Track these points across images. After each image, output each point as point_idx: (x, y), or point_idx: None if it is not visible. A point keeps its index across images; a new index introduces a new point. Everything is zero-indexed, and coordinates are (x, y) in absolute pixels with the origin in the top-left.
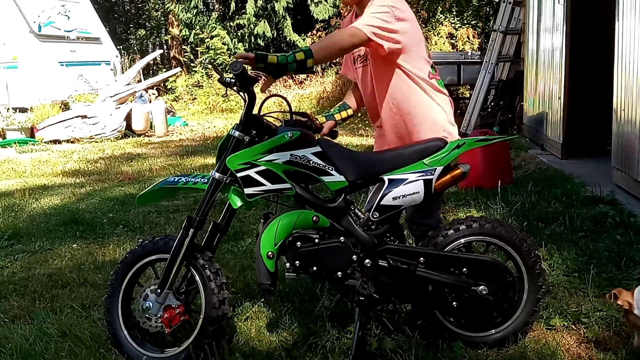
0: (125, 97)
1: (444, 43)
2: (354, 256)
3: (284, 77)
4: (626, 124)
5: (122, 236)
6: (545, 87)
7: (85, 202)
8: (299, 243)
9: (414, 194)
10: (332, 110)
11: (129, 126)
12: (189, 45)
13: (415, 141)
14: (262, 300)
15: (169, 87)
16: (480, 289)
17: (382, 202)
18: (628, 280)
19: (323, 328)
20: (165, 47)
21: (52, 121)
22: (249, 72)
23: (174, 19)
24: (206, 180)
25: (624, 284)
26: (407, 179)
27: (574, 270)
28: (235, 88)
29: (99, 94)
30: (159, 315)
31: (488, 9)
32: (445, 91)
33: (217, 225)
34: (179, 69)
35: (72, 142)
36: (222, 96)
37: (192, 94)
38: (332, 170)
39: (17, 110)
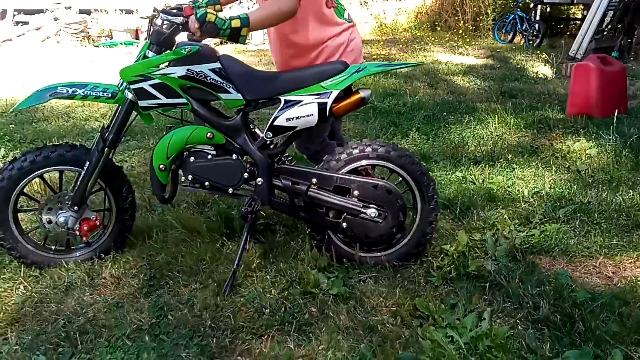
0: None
1: None
2: (246, 174)
3: None
4: None
5: None
6: None
7: None
8: (192, 158)
9: (307, 115)
10: (200, 1)
11: None
12: None
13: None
14: None
15: None
16: (370, 212)
17: (276, 122)
18: None
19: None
20: None
21: None
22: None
23: None
24: (109, 94)
25: None
26: (302, 101)
27: None
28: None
29: None
30: (75, 228)
31: None
32: (346, 19)
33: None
34: None
35: None
36: None
37: None
38: (230, 87)
39: (124, 11)
